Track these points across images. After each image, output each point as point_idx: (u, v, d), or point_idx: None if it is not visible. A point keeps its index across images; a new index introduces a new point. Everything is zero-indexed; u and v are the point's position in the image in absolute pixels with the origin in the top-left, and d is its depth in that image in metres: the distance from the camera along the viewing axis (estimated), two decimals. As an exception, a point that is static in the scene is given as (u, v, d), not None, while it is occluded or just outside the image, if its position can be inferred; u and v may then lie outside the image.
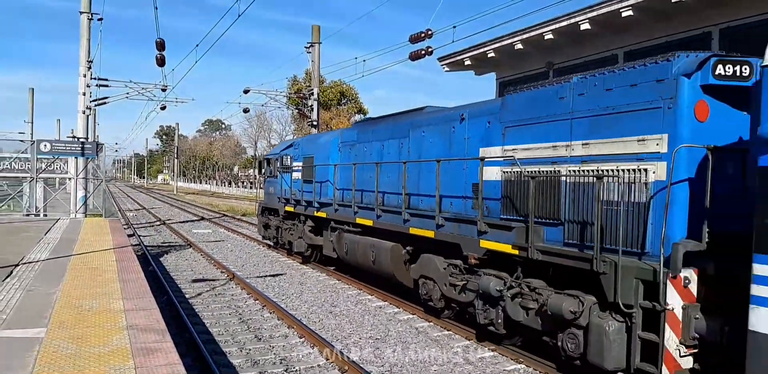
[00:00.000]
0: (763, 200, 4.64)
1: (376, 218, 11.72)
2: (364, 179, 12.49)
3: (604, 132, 6.67)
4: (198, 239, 22.71)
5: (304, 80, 54.58)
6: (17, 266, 9.83)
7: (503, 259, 8.02)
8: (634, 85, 6.32)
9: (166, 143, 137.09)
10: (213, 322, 10.25)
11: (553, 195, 7.24)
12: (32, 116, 53.14)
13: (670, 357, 5.73)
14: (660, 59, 6.14)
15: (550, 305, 6.90)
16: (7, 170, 20.57)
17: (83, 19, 22.02)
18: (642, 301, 5.93)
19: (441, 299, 9.88)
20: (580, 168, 6.92)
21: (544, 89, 7.67)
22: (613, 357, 6.15)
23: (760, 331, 4.58)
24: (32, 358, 5.07)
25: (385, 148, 12.12)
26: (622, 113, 6.44)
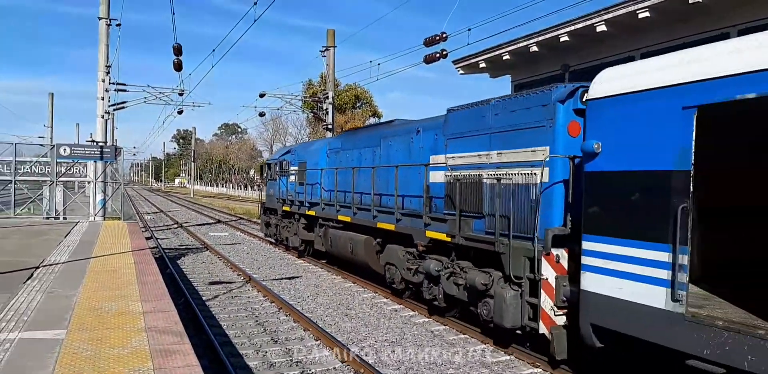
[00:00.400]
0: (587, 196, 6.71)
1: (353, 215, 13.64)
2: (346, 182, 14.23)
3: (511, 144, 8.47)
4: (214, 242, 22.88)
5: (319, 84, 54.77)
6: (38, 269, 9.97)
7: (442, 246, 9.86)
8: (528, 108, 8.12)
9: (183, 147, 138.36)
10: (229, 324, 10.32)
11: (477, 194, 9.06)
12: (52, 120, 53.92)
13: (546, 316, 7.47)
14: (545, 89, 7.93)
15: (469, 280, 8.82)
16: (28, 173, 20.87)
17: (102, 25, 22.34)
18: (528, 274, 7.73)
19: (402, 281, 11.67)
20: (495, 172, 8.69)
21: (473, 109, 9.47)
22: (510, 318, 7.95)
23: (586, 289, 6.64)
24: (53, 359, 5.14)
25: (362, 155, 14.05)
26: (522, 129, 8.22)
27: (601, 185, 6.52)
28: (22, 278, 9.05)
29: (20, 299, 7.57)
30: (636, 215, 6.04)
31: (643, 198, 5.98)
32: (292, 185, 18.76)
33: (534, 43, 14.41)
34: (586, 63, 13.76)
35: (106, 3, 22.35)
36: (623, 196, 6.20)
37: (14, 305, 7.23)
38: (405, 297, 12.05)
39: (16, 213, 20.81)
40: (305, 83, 59.23)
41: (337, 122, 33.27)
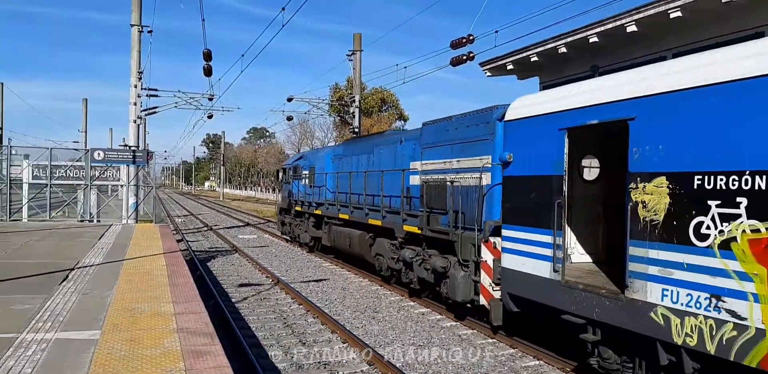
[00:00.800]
0: (504, 194, 8.69)
1: (351, 213, 15.75)
2: (345, 184, 16.34)
3: (465, 153, 10.44)
4: (243, 245, 23.13)
5: (346, 88, 55.04)
6: (73, 271, 10.21)
7: (416, 237, 11.88)
8: (477, 124, 10.10)
9: (212, 151, 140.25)
10: (258, 326, 10.42)
11: (442, 194, 10.89)
12: (86, 125, 55.30)
13: (486, 291, 9.27)
14: (488, 109, 9.89)
15: (432, 264, 10.83)
16: (63, 177, 21.40)
17: (134, 32, 22.82)
18: (473, 257, 9.57)
19: (388, 269, 13.72)
20: (455, 177, 10.53)
21: (440, 124, 11.53)
22: (461, 294, 9.88)
23: (505, 266, 8.57)
24: (87, 359, 5.25)
25: (359, 161, 16.02)
26: (473, 141, 10.18)
27: (512, 186, 8.51)
28: (58, 279, 9.28)
29: (56, 300, 7.77)
30: (531, 208, 7.98)
31: (535, 196, 7.92)
32: (303, 187, 20.99)
33: (562, 44, 14.25)
34: (616, 64, 13.55)
35: (138, 10, 22.84)
36: (524, 194, 8.19)
37: (50, 305, 7.42)
38: (393, 283, 14.05)
39: (52, 216, 21.34)
40: (332, 87, 59.59)
41: (363, 126, 33.37)
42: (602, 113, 6.77)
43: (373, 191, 14.45)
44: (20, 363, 5.11)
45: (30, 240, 14.75)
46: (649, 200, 6.10)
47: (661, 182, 5.98)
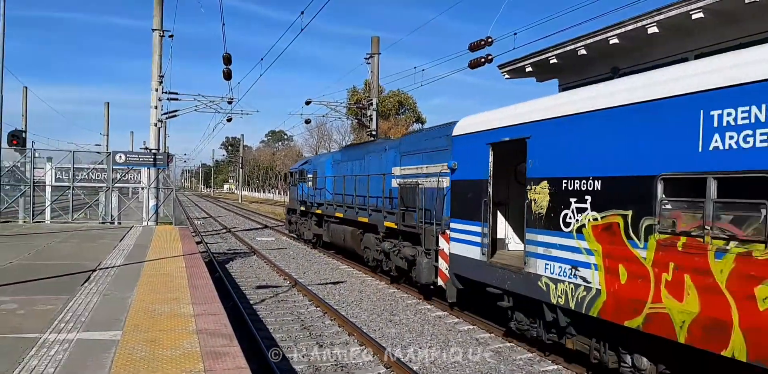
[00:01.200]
0: (452, 194, 10.78)
1: (344, 212, 18.08)
2: (341, 187, 18.84)
3: (431, 161, 12.55)
4: (261, 247, 23.27)
5: (364, 91, 55.17)
6: (94, 272, 10.34)
7: (394, 232, 14.16)
8: (440, 137, 12.18)
9: (231, 154, 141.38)
10: (276, 328, 10.47)
11: (414, 195, 12.81)
12: (108, 128, 56.05)
13: (443, 274, 11.33)
14: (449, 124, 11.77)
15: (404, 253, 13.26)
16: (85, 180, 21.69)
17: (155, 36, 23.12)
18: (434, 247, 11.66)
19: (373, 260, 15.91)
20: (423, 180, 12.71)
21: (415, 135, 14.40)
22: (425, 277, 12.02)
23: (452, 252, 10.72)
24: (109, 360, 5.32)
25: (354, 166, 18.30)
26: (436, 151, 12.32)
27: (457, 188, 10.67)
28: (80, 280, 9.41)
29: (78, 300, 7.87)
30: (469, 205, 10.07)
31: (471, 195, 10.00)
32: (307, 189, 23.23)
33: (582, 46, 14.15)
34: (637, 66, 13.41)
35: (159, 15, 23.14)
36: (464, 194, 10.31)
37: (73, 306, 7.52)
38: (378, 272, 16.09)
39: (74, 218, 21.65)
40: (350, 90, 59.79)
41: (380, 129, 33.42)
42: (513, 132, 8.81)
43: (362, 193, 16.66)
44: (43, 363, 5.19)
45: (52, 242, 14.98)
46: (538, 198, 8.14)
47: (545, 185, 8.01)
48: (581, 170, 7.34)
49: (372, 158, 16.71)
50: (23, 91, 45.31)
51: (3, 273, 9.84)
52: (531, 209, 8.23)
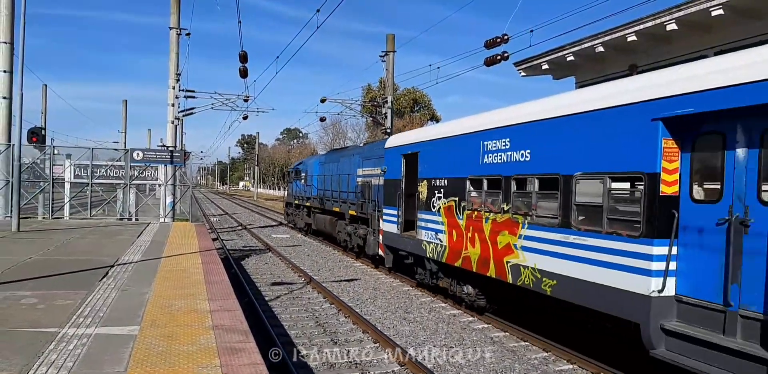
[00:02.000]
0: (384, 189, 15.13)
1: (325, 204, 22.71)
2: (322, 183, 23.64)
3: (378, 165, 15.86)
4: (276, 244, 23.39)
5: (378, 88, 55.15)
6: (113, 267, 10.47)
7: (356, 218, 18.57)
8: (381, 148, 15.58)
9: (247, 151, 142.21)
10: (291, 325, 10.52)
11: (369, 190, 17.00)
12: (125, 126, 56.65)
13: (381, 246, 15.37)
14: (385, 139, 17.61)
15: (359, 233, 17.89)
16: (103, 176, 21.94)
17: (172, 34, 23.30)
18: (377, 227, 15.77)
19: (344, 241, 20.29)
20: (375, 179, 16.46)
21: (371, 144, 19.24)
22: (371, 249, 16.56)
23: (382, 228, 15.16)
24: (126, 354, 5.38)
25: (333, 166, 22.37)
26: (380, 158, 15.65)
27: (386, 184, 14.81)
28: (98, 276, 9.52)
29: (96, 296, 7.97)
30: (392, 196, 14.19)
31: (392, 190, 14.14)
32: (301, 186, 27.94)
33: (600, 43, 14.02)
34: (655, 63, 13.26)
35: (176, 13, 23.31)
36: (389, 189, 14.47)
37: (91, 301, 7.62)
38: (348, 250, 20.27)
39: (92, 214, 21.91)
40: (364, 88, 59.83)
41: (395, 126, 33.36)
42: (413, 148, 13.25)
43: (336, 189, 21.34)
44: (62, 357, 5.26)
45: (71, 238, 15.18)
46: (422, 191, 12.47)
47: (425, 183, 12.36)
48: (439, 173, 11.82)
49: (345, 160, 20.90)
50: (43, 88, 45.92)
51: (23, 268, 10.00)
52: (419, 198, 12.75)
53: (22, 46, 15.27)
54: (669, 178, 6.57)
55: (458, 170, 10.85)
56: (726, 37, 11.62)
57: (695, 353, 6.14)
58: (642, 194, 6.68)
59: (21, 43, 15.29)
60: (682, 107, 6.29)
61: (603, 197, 7.29)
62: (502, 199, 9.39)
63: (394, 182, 14.13)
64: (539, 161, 8.60)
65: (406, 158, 13.54)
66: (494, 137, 9.71)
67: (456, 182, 10.96)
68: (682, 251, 6.58)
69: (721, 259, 6.10)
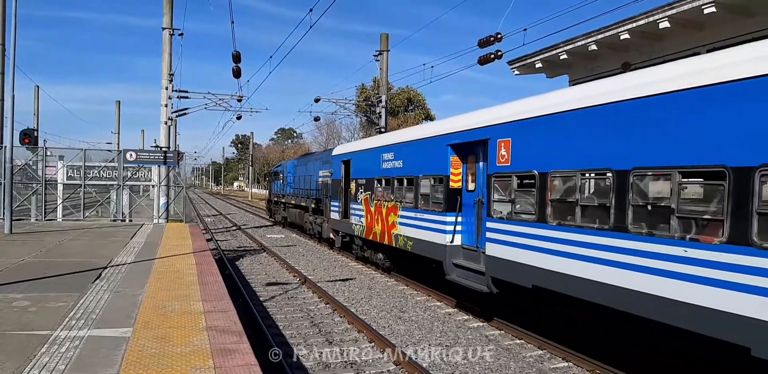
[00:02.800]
0: (332, 186, 20.45)
1: (294, 199, 27.93)
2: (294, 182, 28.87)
3: (330, 168, 20.68)
4: (271, 244, 23.33)
5: (372, 88, 55.11)
6: (105, 269, 10.41)
7: (316, 210, 23.68)
8: (330, 155, 20.73)
9: (241, 152, 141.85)
10: (286, 325, 10.49)
11: (326, 188, 21.20)
12: (118, 127, 56.41)
13: (332, 231, 20.73)
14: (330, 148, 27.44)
15: (317, 222, 23.64)
16: (96, 178, 21.84)
17: (165, 35, 23.19)
18: (330, 216, 20.84)
19: (309, 229, 24.98)
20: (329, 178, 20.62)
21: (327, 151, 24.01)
22: (325, 234, 22.01)
23: (330, 217, 20.65)
24: (119, 356, 5.35)
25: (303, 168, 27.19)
26: (329, 162, 21.16)
27: (333, 183, 19.83)
28: (91, 277, 9.47)
29: (89, 298, 7.92)
30: (337, 192, 19.07)
31: (338, 186, 19.06)
32: (279, 185, 33.43)
33: (593, 41, 14.04)
34: (648, 61, 13.29)
35: (169, 14, 23.20)
36: (335, 186, 19.53)
37: (84, 303, 7.57)
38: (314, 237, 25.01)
39: (86, 216, 21.81)
40: (359, 87, 59.79)
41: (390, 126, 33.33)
42: (347, 156, 17.87)
43: (304, 187, 26.26)
44: (54, 360, 5.22)
45: (64, 239, 15.10)
46: (353, 187, 17.06)
47: (354, 182, 17.07)
48: (361, 175, 16.59)
49: (311, 164, 25.67)
50: (35, 90, 45.70)
51: (15, 271, 9.93)
52: (351, 192, 17.43)
53: (13, 47, 15.18)
54: (455, 178, 11.45)
55: (370, 173, 15.81)
56: (718, 35, 11.66)
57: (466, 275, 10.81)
58: (444, 186, 11.55)
59: (12, 45, 15.19)
60: (457, 139, 11.07)
61: (431, 189, 12.11)
62: (390, 192, 14.23)
63: (337, 181, 19.26)
64: (407, 167, 13.50)
65: (344, 163, 18.38)
66: (387, 151, 14.68)
67: (369, 181, 15.92)
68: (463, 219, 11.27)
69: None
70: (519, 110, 9.16)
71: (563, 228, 7.79)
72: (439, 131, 11.86)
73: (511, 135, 9.16)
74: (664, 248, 6.14)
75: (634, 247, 6.54)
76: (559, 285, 7.87)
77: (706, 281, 5.65)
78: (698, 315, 5.70)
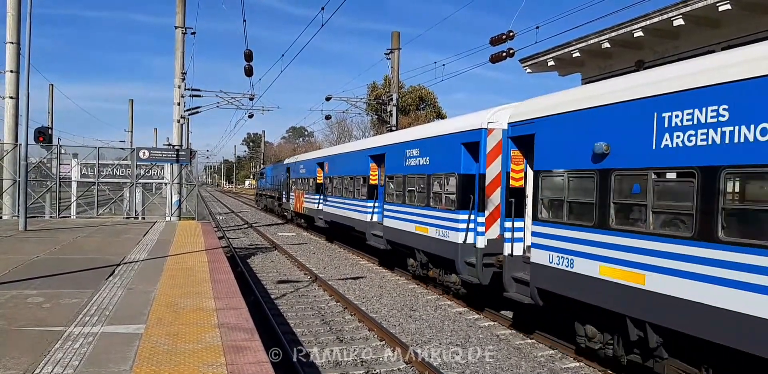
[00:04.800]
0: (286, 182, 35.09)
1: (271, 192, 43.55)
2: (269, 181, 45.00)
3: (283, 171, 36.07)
4: (282, 242, 23.42)
5: (384, 86, 55.05)
6: (119, 266, 10.49)
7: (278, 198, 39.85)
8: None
9: (252, 150, 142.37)
10: (297, 322, 10.52)
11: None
12: (132, 125, 56.86)
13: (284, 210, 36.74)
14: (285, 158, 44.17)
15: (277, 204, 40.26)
16: (110, 175, 22.01)
17: (178, 34, 23.34)
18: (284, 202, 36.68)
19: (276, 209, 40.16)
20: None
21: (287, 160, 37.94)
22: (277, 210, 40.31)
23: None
24: (132, 352, 5.38)
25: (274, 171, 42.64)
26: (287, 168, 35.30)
27: (285, 181, 34.68)
28: (104, 274, 9.55)
29: (103, 294, 7.99)
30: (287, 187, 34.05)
31: (288, 183, 33.75)
32: (263, 182, 48.35)
33: (606, 39, 13.93)
34: (662, 59, 13.17)
35: (182, 12, 23.35)
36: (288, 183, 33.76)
37: (97, 300, 7.63)
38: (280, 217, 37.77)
39: (99, 213, 21.99)
40: (370, 86, 59.72)
41: (401, 124, 33.31)
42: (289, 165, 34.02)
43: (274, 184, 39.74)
44: (68, 356, 5.27)
45: (78, 237, 15.24)
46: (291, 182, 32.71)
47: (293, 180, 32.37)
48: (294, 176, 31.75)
49: (279, 168, 37.85)
50: (49, 88, 46.15)
51: (30, 267, 10.04)
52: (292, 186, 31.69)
53: (28, 46, 15.32)
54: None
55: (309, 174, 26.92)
56: (733, 33, 11.53)
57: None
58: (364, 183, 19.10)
59: (27, 43, 15.34)
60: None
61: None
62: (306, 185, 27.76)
63: (287, 180, 32.97)
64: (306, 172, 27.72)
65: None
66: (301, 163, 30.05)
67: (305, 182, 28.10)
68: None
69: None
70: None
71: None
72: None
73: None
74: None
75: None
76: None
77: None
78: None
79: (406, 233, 14.15)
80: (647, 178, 6.54)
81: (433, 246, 12.52)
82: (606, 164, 7.14)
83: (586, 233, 7.43)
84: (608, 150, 7.08)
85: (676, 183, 6.50)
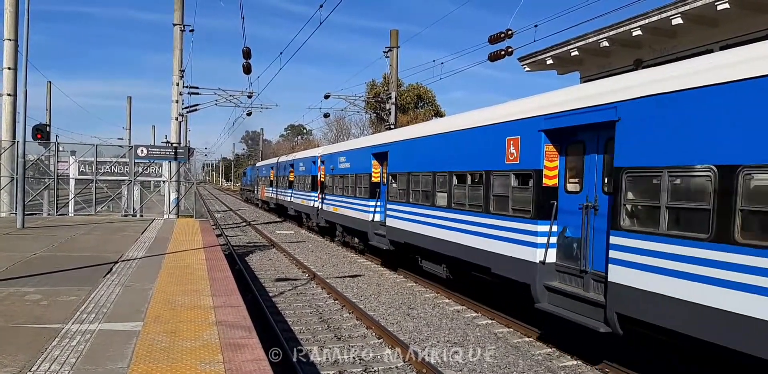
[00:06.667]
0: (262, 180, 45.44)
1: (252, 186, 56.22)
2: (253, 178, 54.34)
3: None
4: (281, 240, 23.41)
5: (382, 84, 54.99)
6: (116, 264, 10.49)
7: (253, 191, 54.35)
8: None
9: (251, 148, 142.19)
10: (294, 320, 10.53)
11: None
12: (130, 122, 56.62)
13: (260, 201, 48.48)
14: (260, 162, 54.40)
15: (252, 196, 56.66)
16: (108, 173, 21.99)
17: (176, 31, 23.27)
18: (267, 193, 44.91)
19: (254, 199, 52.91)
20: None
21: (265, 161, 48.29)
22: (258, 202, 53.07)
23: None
24: (130, 350, 5.39)
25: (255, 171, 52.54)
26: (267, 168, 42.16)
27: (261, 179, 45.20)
28: (102, 272, 9.55)
29: (100, 292, 7.99)
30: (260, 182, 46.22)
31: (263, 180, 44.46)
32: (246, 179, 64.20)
33: (604, 38, 13.93)
34: (660, 57, 13.18)
35: (180, 10, 23.27)
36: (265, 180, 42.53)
37: (95, 297, 7.64)
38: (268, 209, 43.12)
39: (97, 211, 21.97)
40: (368, 84, 59.63)
41: (399, 122, 33.28)
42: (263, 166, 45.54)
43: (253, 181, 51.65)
44: (65, 353, 5.27)
45: (76, 234, 15.23)
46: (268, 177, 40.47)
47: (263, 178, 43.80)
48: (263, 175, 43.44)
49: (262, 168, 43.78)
50: (47, 85, 45.95)
51: (27, 265, 10.03)
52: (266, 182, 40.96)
53: (25, 42, 15.29)
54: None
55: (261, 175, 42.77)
56: (732, 32, 11.54)
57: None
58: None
59: (24, 40, 15.30)
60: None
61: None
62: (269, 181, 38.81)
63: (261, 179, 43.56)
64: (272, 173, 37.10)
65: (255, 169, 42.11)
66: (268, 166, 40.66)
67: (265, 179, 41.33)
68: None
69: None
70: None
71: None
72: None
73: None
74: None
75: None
76: None
77: None
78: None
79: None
80: None
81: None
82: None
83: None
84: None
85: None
